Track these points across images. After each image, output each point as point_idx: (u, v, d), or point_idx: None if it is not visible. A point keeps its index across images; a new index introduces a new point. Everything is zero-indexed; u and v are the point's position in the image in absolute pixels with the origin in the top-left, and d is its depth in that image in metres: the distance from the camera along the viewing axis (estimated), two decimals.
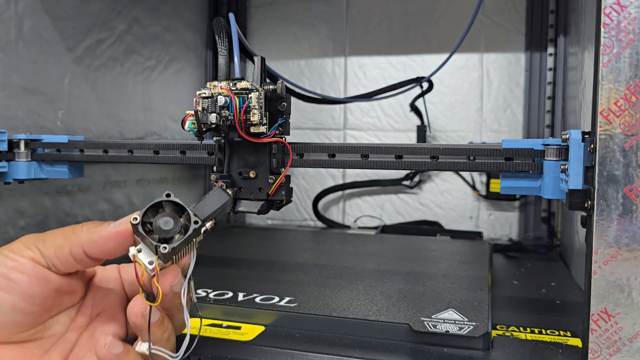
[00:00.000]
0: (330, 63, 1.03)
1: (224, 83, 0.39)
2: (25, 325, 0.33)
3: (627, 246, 0.34)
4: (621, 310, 0.34)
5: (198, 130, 0.39)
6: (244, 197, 0.42)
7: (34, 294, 0.32)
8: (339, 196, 1.04)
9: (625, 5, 0.33)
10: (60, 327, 0.35)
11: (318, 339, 0.43)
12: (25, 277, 0.32)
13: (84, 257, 0.33)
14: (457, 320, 0.44)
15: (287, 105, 0.40)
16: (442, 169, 0.42)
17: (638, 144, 0.33)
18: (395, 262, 0.67)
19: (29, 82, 0.62)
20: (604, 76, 0.33)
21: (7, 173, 0.53)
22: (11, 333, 0.32)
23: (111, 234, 0.32)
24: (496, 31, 0.94)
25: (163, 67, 0.89)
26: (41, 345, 0.34)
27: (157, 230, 0.32)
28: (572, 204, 0.35)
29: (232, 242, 0.81)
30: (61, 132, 0.67)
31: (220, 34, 0.42)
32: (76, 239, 0.32)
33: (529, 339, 0.43)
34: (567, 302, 0.54)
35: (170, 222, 0.32)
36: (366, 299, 0.50)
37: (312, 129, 1.05)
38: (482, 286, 0.54)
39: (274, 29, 1.06)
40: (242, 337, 0.43)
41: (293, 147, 0.43)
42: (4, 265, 0.32)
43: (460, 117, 0.97)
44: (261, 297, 0.50)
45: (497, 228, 0.96)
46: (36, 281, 0.32)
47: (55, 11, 0.66)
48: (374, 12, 1.01)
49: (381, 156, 0.43)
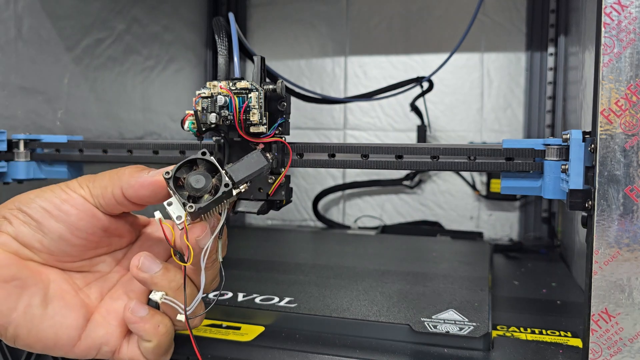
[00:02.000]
0: (330, 63, 1.03)
1: (223, 83, 0.39)
2: (70, 255, 0.36)
3: (628, 246, 0.33)
4: (622, 310, 0.34)
5: (197, 130, 0.39)
6: (244, 197, 0.42)
7: (81, 227, 0.35)
8: (339, 196, 1.04)
9: (625, 5, 0.33)
10: (106, 267, 0.38)
11: (318, 339, 0.43)
12: (75, 210, 0.34)
13: (123, 199, 0.34)
14: (458, 321, 0.44)
15: (287, 105, 0.40)
16: (442, 169, 0.42)
17: (639, 144, 0.33)
18: (395, 263, 0.67)
19: (28, 82, 0.62)
20: (604, 76, 0.33)
21: (6, 173, 0.53)
22: (57, 260, 0.35)
23: (146, 181, 0.34)
24: (497, 31, 0.94)
25: (162, 66, 0.89)
26: (84, 278, 0.37)
27: (188, 187, 0.32)
28: (573, 204, 0.35)
29: (232, 243, 0.80)
30: (60, 132, 0.67)
31: (220, 34, 0.41)
32: (118, 180, 0.34)
33: (529, 339, 0.43)
34: (567, 302, 0.54)
35: (202, 180, 0.32)
36: (366, 300, 0.50)
37: (312, 129, 1.05)
38: (483, 286, 0.54)
39: (273, 28, 1.06)
40: (242, 337, 0.43)
41: (293, 147, 0.43)
42: (58, 197, 0.34)
43: (460, 117, 0.97)
44: (261, 297, 0.50)
45: (497, 228, 0.96)
46: (84, 216, 0.34)
47: (55, 11, 0.65)
48: (374, 11, 1.00)
49: (381, 156, 0.42)
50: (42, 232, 0.34)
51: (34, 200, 0.34)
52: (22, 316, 0.33)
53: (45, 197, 0.34)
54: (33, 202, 0.34)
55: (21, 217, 0.34)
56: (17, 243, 0.34)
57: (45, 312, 0.34)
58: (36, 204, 0.34)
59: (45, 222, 0.34)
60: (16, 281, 0.33)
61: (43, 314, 0.34)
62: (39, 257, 0.35)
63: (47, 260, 0.35)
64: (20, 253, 0.34)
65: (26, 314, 0.33)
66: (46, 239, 0.34)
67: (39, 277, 0.34)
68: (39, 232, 0.34)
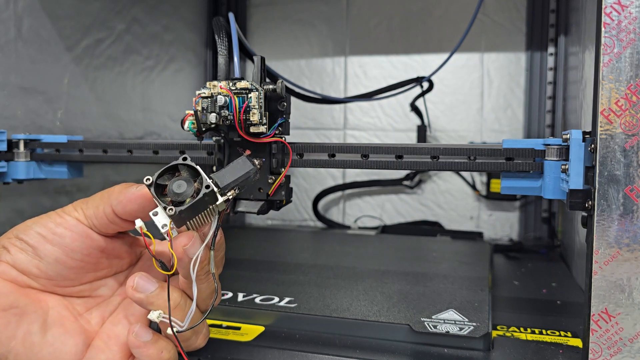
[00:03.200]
0: (330, 63, 1.03)
1: (223, 83, 0.39)
2: (69, 279, 0.36)
3: (628, 246, 0.33)
4: (622, 310, 0.34)
5: (197, 130, 0.39)
6: (244, 197, 0.42)
7: (76, 249, 0.35)
8: (339, 196, 1.04)
9: (625, 5, 0.33)
10: (107, 290, 0.38)
11: (318, 339, 0.43)
12: (69, 232, 0.34)
13: (114, 216, 0.34)
14: (458, 321, 0.44)
15: (287, 105, 0.40)
16: (442, 169, 0.42)
17: (639, 144, 0.33)
18: (395, 263, 0.67)
19: (27, 82, 0.62)
20: (604, 76, 0.33)
21: (6, 173, 0.53)
22: (56, 284, 0.35)
23: (133, 195, 0.34)
24: (497, 31, 0.94)
25: (162, 66, 0.89)
26: (86, 303, 0.37)
27: (170, 193, 0.32)
28: (573, 204, 0.35)
29: (232, 243, 0.80)
30: (60, 132, 0.67)
31: (220, 34, 0.41)
32: (107, 198, 0.35)
33: (529, 339, 0.43)
34: (567, 302, 0.54)
35: (184, 185, 0.32)
36: (366, 300, 0.50)
37: (312, 129, 1.05)
38: (483, 286, 0.54)
39: (273, 28, 1.06)
40: (242, 337, 0.43)
41: (293, 147, 0.43)
42: (53, 222, 0.35)
43: (460, 117, 0.97)
44: (261, 297, 0.50)
45: (497, 228, 0.96)
46: (78, 237, 0.35)
47: (54, 11, 0.65)
48: (374, 11, 1.00)
49: (381, 156, 0.42)
50: (39, 257, 0.34)
51: (31, 227, 0.35)
52: (21, 344, 0.33)
53: (41, 223, 0.35)
54: (30, 229, 0.34)
55: (18, 244, 0.34)
56: (16, 271, 0.34)
57: (44, 339, 0.34)
58: (33, 230, 0.34)
59: (40, 247, 0.34)
60: (15, 309, 0.33)
61: (42, 341, 0.34)
62: (37, 284, 0.35)
63: (46, 286, 0.35)
64: (18, 280, 0.34)
65: (25, 341, 0.33)
66: (43, 264, 0.34)
67: (38, 304, 0.34)
68: (35, 257, 0.34)
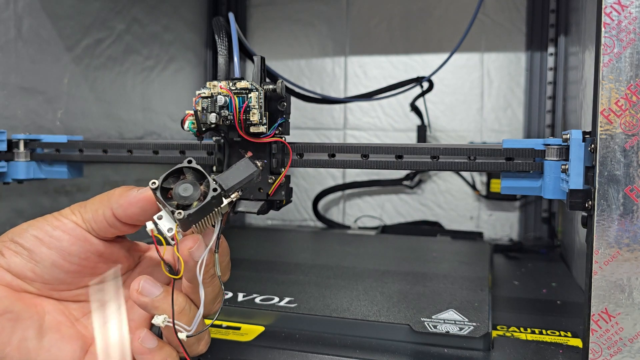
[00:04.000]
0: (330, 63, 1.03)
1: (223, 83, 0.39)
2: (65, 283, 0.35)
3: (628, 246, 0.33)
4: (622, 310, 0.34)
5: (197, 130, 0.39)
6: (244, 197, 0.42)
7: (73, 252, 0.34)
8: (339, 196, 1.04)
9: (625, 5, 0.33)
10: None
11: (318, 339, 0.43)
12: (66, 235, 0.34)
13: (114, 220, 0.34)
14: (458, 321, 0.44)
15: (287, 105, 0.40)
16: (442, 169, 0.42)
17: (639, 144, 0.33)
18: (395, 263, 0.67)
19: (27, 82, 0.62)
20: (604, 76, 0.33)
21: (6, 173, 0.53)
22: (53, 289, 0.35)
23: (135, 198, 0.33)
24: (497, 31, 0.94)
25: (162, 66, 0.89)
26: (82, 308, 0.36)
27: (176, 196, 0.32)
28: (573, 204, 0.35)
29: (232, 243, 0.80)
30: (60, 132, 0.67)
31: (220, 34, 0.41)
32: (107, 202, 0.34)
33: (529, 339, 0.43)
34: (567, 302, 0.54)
35: (190, 188, 0.32)
36: (366, 300, 0.50)
37: (312, 129, 1.05)
38: (483, 286, 0.54)
39: (273, 28, 1.06)
40: (242, 337, 0.43)
41: (293, 147, 0.43)
42: (50, 225, 0.34)
43: (460, 117, 0.97)
44: (261, 297, 0.50)
45: (497, 228, 0.96)
46: (76, 241, 0.34)
47: (54, 10, 0.65)
48: (374, 11, 1.00)
49: (381, 156, 0.42)
50: (35, 261, 0.33)
51: (26, 230, 0.34)
52: (17, 350, 0.32)
53: (37, 226, 0.34)
54: (26, 232, 0.34)
55: (13, 247, 0.33)
56: (10, 275, 0.33)
57: (40, 345, 0.33)
58: (28, 233, 0.34)
59: (36, 250, 0.33)
60: (9, 314, 0.32)
61: (38, 347, 0.33)
62: (33, 288, 0.34)
63: (42, 290, 0.34)
64: (13, 285, 0.33)
65: (21, 347, 0.32)
66: (38, 267, 0.33)
67: (34, 309, 0.33)
68: (31, 261, 0.33)
